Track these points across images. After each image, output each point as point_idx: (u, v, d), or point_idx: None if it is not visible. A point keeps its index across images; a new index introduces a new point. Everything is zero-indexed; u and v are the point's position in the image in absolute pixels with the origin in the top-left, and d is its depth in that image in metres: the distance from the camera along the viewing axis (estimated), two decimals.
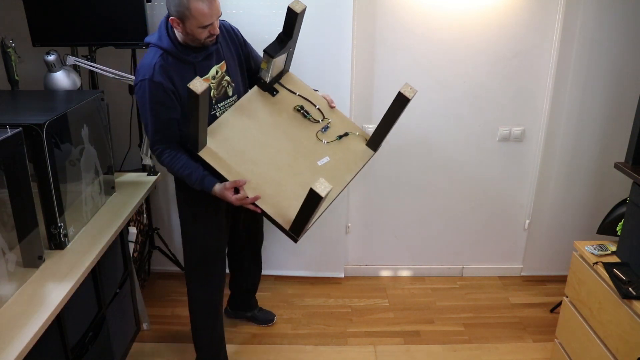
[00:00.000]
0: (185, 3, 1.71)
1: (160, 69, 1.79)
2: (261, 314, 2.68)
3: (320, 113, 2.01)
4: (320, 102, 2.02)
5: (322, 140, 1.97)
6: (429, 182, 2.90)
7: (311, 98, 2.01)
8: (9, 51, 2.13)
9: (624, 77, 2.62)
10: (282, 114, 1.98)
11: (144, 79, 1.79)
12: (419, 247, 3.06)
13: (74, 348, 1.78)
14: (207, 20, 1.76)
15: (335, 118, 2.02)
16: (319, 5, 2.49)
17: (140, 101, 1.83)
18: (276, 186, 1.85)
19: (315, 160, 1.92)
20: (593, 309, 1.97)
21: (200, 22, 1.75)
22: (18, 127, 1.52)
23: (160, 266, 3.04)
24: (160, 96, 1.80)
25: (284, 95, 2.03)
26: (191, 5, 1.71)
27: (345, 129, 2.02)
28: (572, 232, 2.91)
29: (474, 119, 2.75)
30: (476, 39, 2.59)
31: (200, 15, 1.73)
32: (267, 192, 1.83)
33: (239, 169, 1.84)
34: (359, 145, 2.01)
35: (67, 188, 1.77)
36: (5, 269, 1.47)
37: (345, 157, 1.98)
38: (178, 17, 1.75)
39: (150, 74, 1.78)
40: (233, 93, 2.00)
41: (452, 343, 2.55)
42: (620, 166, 1.96)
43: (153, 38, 1.87)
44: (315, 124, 2.00)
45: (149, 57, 1.83)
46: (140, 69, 1.83)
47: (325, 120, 2.00)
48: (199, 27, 1.77)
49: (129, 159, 2.76)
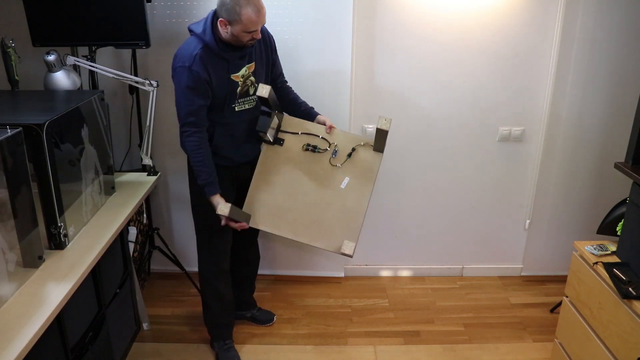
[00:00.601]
0: (238, 10, 1.89)
1: (200, 60, 1.96)
2: (261, 313, 2.69)
3: (326, 141, 2.18)
4: (320, 131, 2.18)
5: (336, 165, 2.16)
6: (429, 182, 2.90)
7: (312, 131, 2.19)
8: (9, 51, 2.12)
9: (623, 77, 2.62)
10: (295, 158, 2.20)
11: (184, 66, 1.96)
12: (419, 247, 3.06)
13: (74, 348, 1.78)
14: (254, 27, 1.94)
15: (338, 139, 2.19)
16: (319, 6, 2.50)
17: (177, 84, 2.00)
18: (316, 224, 2.13)
19: (338, 185, 2.15)
20: (593, 309, 1.97)
21: (247, 28, 1.93)
22: (18, 127, 1.52)
23: (160, 266, 3.04)
24: (196, 84, 1.97)
25: (289, 140, 2.21)
26: (242, 12, 1.89)
27: (351, 145, 2.18)
28: (572, 232, 2.91)
29: (474, 119, 2.75)
30: (476, 39, 2.59)
31: (249, 22, 1.91)
32: (313, 232, 2.12)
33: (283, 223, 2.13)
34: (368, 153, 2.18)
35: (67, 188, 1.77)
36: (5, 269, 1.47)
37: (361, 169, 2.16)
38: (227, 19, 1.92)
39: (190, 62, 1.95)
40: (254, 93, 2.15)
41: (452, 343, 2.55)
42: (620, 166, 1.96)
43: (197, 29, 2.01)
44: (325, 153, 2.18)
45: (191, 46, 1.99)
46: (180, 55, 1.99)
47: (332, 145, 2.17)
48: (244, 32, 1.94)
49: (129, 159, 2.76)
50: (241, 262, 2.51)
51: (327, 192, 2.14)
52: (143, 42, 2.31)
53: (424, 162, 2.85)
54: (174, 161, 2.78)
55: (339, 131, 2.20)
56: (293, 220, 2.13)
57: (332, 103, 2.66)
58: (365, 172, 2.15)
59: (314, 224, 2.13)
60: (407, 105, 2.73)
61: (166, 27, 2.54)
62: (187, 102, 2.00)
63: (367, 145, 2.17)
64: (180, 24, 2.53)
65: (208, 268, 2.34)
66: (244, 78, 2.10)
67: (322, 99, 2.66)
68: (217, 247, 2.30)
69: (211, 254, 2.32)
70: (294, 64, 2.59)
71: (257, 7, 1.92)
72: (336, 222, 2.12)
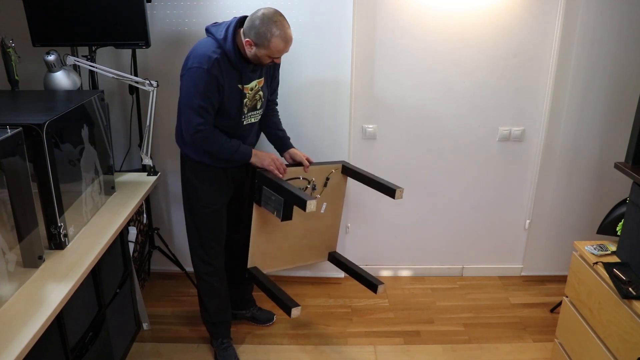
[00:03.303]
0: (269, 37, 1.92)
1: (218, 64, 1.96)
2: (261, 313, 2.69)
3: (305, 180, 2.31)
4: (299, 172, 2.30)
5: (317, 196, 2.37)
6: (429, 182, 2.90)
7: (293, 175, 2.28)
8: (9, 51, 2.12)
9: (624, 77, 2.62)
10: None
11: (202, 67, 1.94)
12: (419, 247, 3.06)
13: (74, 348, 1.78)
14: (278, 55, 1.99)
15: (314, 173, 2.33)
16: (319, 7, 2.50)
17: (192, 84, 1.97)
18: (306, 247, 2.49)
19: (318, 212, 2.42)
20: (593, 309, 1.97)
21: (273, 54, 1.97)
22: (18, 127, 1.52)
23: (160, 266, 3.04)
24: (211, 86, 1.98)
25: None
26: (272, 40, 1.92)
27: (325, 175, 2.37)
28: (572, 232, 2.91)
29: (474, 119, 2.75)
30: (476, 39, 2.59)
31: (276, 50, 1.96)
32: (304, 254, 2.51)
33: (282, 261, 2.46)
34: (337, 176, 2.41)
35: (67, 188, 1.77)
36: (5, 269, 1.46)
37: (334, 191, 2.43)
38: (255, 42, 1.94)
39: (209, 65, 1.94)
40: (260, 107, 2.20)
41: (452, 343, 2.55)
42: (620, 166, 1.96)
43: (218, 33, 1.99)
44: (306, 190, 2.33)
45: (209, 48, 1.98)
46: (197, 55, 1.97)
47: (311, 182, 2.33)
48: (268, 56, 1.98)
49: (129, 159, 2.76)
50: (238, 260, 2.50)
51: (311, 221, 2.43)
52: (143, 42, 2.31)
53: (424, 162, 2.85)
54: (174, 161, 2.77)
55: (315, 164, 2.33)
56: (289, 254, 2.45)
57: (332, 103, 2.67)
58: (337, 192, 2.43)
59: (304, 249, 2.48)
60: (407, 105, 2.73)
61: (166, 27, 2.54)
62: (203, 103, 1.98)
63: (336, 171, 2.38)
64: (180, 24, 2.53)
65: (202, 266, 2.34)
66: (253, 92, 2.11)
67: (322, 100, 2.66)
68: (209, 244, 2.30)
69: (205, 252, 2.31)
70: (294, 64, 2.59)
71: (287, 38, 1.95)
72: (320, 240, 2.51)
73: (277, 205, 2.11)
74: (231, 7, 2.49)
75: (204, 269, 2.34)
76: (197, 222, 2.27)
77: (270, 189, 2.13)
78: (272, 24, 1.92)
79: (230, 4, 2.49)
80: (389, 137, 2.80)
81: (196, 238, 2.30)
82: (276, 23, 1.92)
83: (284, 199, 2.07)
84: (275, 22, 1.92)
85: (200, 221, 2.26)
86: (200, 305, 2.44)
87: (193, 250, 2.34)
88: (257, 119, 2.21)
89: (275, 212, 2.13)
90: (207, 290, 2.38)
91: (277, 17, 1.94)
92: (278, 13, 1.96)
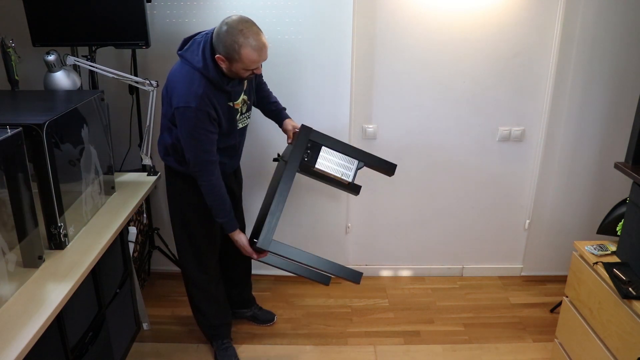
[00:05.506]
0: (237, 48, 1.76)
1: (207, 99, 1.85)
2: (261, 313, 2.69)
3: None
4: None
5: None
6: (429, 182, 2.90)
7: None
8: (9, 51, 2.12)
9: (624, 77, 2.62)
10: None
11: (190, 107, 1.84)
12: (419, 247, 3.06)
13: (74, 348, 1.78)
14: (254, 66, 1.84)
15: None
16: (319, 6, 2.50)
17: (186, 125, 1.88)
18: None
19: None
20: (593, 309, 1.97)
21: (247, 66, 1.82)
22: (18, 127, 1.52)
23: (160, 266, 3.04)
24: (206, 124, 1.88)
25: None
26: (242, 51, 1.77)
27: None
28: (572, 232, 2.91)
29: (474, 119, 2.75)
30: (476, 39, 2.59)
31: (249, 61, 1.80)
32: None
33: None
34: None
35: (67, 188, 1.77)
36: (5, 269, 1.47)
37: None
38: (226, 56, 1.80)
39: (197, 103, 1.83)
40: (247, 110, 2.13)
41: (452, 343, 2.55)
42: (620, 166, 1.96)
43: (195, 61, 1.86)
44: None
45: (194, 83, 1.85)
46: (181, 94, 1.86)
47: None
48: (244, 69, 1.84)
49: (129, 159, 2.76)
50: (234, 261, 2.50)
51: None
52: (143, 42, 2.31)
53: (424, 162, 2.85)
54: None
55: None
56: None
57: (332, 103, 2.67)
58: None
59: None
60: (407, 106, 2.73)
61: (166, 27, 2.54)
62: (199, 144, 1.90)
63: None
64: (180, 24, 2.53)
65: (198, 275, 2.30)
66: (242, 102, 2.06)
67: (322, 99, 2.66)
68: (204, 254, 2.26)
69: (199, 262, 2.27)
70: (294, 64, 2.59)
71: (259, 45, 1.78)
72: None
73: (348, 169, 2.08)
74: (231, 7, 2.48)
75: (200, 278, 2.30)
76: (191, 233, 2.22)
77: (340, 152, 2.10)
78: (238, 33, 1.75)
79: (230, 4, 2.49)
80: (389, 137, 2.80)
81: (189, 250, 2.25)
82: (242, 32, 1.75)
83: (365, 162, 2.10)
84: (241, 31, 1.75)
85: (195, 232, 2.21)
86: (194, 310, 2.41)
87: (186, 262, 2.29)
88: (245, 124, 2.16)
89: (344, 175, 2.10)
90: (206, 298, 2.35)
91: (242, 24, 1.76)
92: (243, 20, 1.78)
